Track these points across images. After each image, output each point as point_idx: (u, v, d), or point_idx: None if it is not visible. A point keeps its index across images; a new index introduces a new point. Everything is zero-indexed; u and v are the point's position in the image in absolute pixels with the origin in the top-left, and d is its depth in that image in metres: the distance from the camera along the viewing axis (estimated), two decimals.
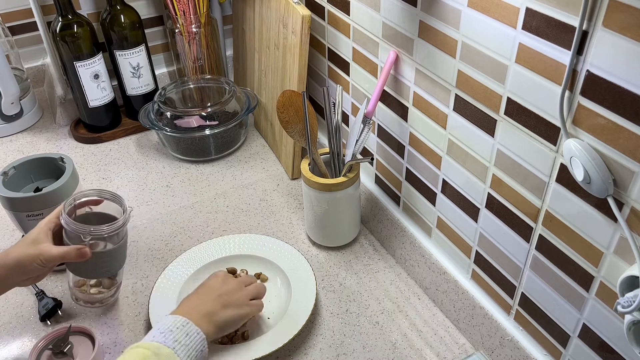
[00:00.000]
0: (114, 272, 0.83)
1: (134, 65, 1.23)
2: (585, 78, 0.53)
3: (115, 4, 1.17)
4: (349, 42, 0.94)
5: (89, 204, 0.82)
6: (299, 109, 0.93)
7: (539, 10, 0.55)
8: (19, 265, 0.73)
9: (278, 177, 1.16)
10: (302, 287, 0.88)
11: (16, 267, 0.73)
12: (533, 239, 0.67)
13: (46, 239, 0.75)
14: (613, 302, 0.58)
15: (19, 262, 0.73)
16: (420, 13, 0.72)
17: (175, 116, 1.18)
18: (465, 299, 0.81)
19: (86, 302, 0.85)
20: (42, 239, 0.74)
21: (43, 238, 0.75)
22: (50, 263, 0.74)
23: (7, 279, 0.74)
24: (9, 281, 0.74)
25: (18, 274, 0.74)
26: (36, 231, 0.76)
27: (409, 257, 0.92)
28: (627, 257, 0.55)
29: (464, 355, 0.81)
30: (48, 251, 0.73)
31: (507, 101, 0.63)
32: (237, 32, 1.30)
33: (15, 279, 0.74)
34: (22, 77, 1.32)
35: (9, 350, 0.83)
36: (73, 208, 0.80)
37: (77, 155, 1.23)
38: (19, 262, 0.73)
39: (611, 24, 0.49)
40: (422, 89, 0.78)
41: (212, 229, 1.04)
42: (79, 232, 0.76)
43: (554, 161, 0.60)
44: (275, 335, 0.81)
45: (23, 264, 0.73)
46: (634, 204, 0.52)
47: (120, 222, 0.78)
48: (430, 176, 0.83)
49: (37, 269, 0.74)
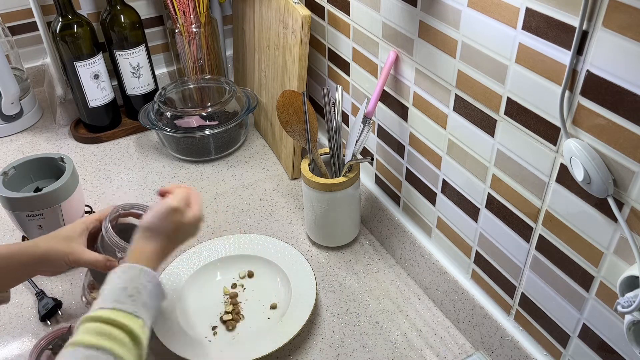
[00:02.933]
0: None
1: (134, 65, 1.23)
2: (585, 78, 0.53)
3: (115, 4, 1.17)
4: (349, 42, 0.94)
5: (134, 216, 0.81)
6: (299, 109, 0.93)
7: (539, 10, 0.55)
8: (46, 258, 0.72)
9: (278, 177, 1.16)
10: (302, 287, 0.88)
11: (43, 258, 0.72)
12: (533, 239, 0.67)
13: (80, 238, 0.74)
14: (613, 302, 0.58)
15: (47, 254, 0.72)
16: (420, 13, 0.72)
17: (175, 116, 1.18)
18: (465, 299, 0.81)
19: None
20: (75, 238, 0.74)
21: (77, 237, 0.74)
22: (77, 265, 0.73)
23: (32, 268, 0.73)
24: (32, 270, 0.74)
25: (43, 265, 0.73)
26: (71, 228, 0.75)
27: (409, 257, 0.92)
28: (627, 257, 0.55)
29: (464, 355, 0.81)
30: (79, 253, 0.73)
31: (507, 101, 0.63)
32: (237, 32, 1.30)
33: (39, 269, 0.74)
34: (22, 77, 1.32)
35: (9, 350, 0.83)
36: (117, 216, 0.79)
37: (77, 155, 1.23)
38: (47, 255, 0.72)
39: (611, 24, 0.49)
40: (422, 89, 0.78)
41: (212, 229, 1.04)
42: (116, 247, 0.75)
43: (554, 161, 0.60)
44: (275, 335, 0.81)
45: (50, 257, 0.72)
46: (634, 204, 0.52)
47: None
48: (430, 176, 0.83)
49: (62, 265, 0.73)
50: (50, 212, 0.89)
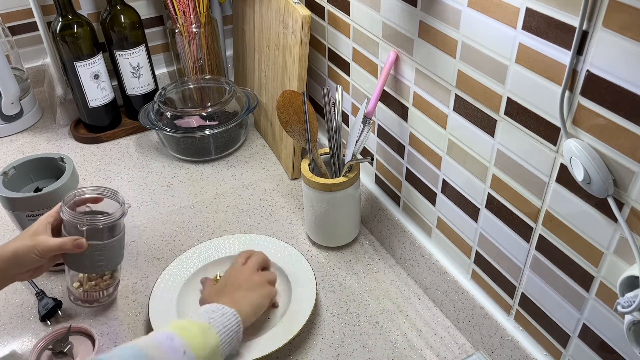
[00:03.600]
0: (111, 268, 0.83)
1: (134, 65, 1.23)
2: (585, 78, 0.53)
3: (115, 4, 1.17)
4: (349, 42, 0.94)
5: (89, 201, 0.82)
6: (299, 109, 0.93)
7: (539, 10, 0.55)
8: (15, 257, 0.73)
9: (278, 177, 1.16)
10: (302, 287, 0.88)
11: (13, 258, 0.73)
12: (533, 239, 0.67)
13: (44, 231, 0.76)
14: (613, 302, 0.58)
15: (15, 253, 0.73)
16: (420, 13, 0.72)
17: (175, 116, 1.18)
18: (465, 299, 0.81)
19: (84, 301, 0.85)
20: (40, 232, 0.76)
21: (42, 231, 0.76)
22: (47, 254, 0.75)
23: (5, 271, 0.74)
24: (6, 273, 0.74)
25: (15, 266, 0.74)
26: (35, 225, 0.77)
27: (409, 257, 0.92)
28: (627, 257, 0.55)
29: (464, 355, 0.81)
30: (45, 242, 0.74)
31: (507, 101, 0.63)
32: (237, 32, 1.30)
33: (13, 271, 0.75)
34: (22, 77, 1.32)
35: (9, 350, 0.83)
36: (73, 204, 0.80)
37: (77, 155, 1.23)
38: (16, 254, 0.73)
39: (611, 24, 0.49)
40: (422, 89, 0.78)
41: (212, 229, 1.04)
42: (76, 221, 0.77)
43: (554, 161, 0.60)
44: (275, 335, 0.81)
45: (20, 255, 0.73)
46: (634, 204, 0.52)
47: (118, 215, 0.79)
48: (430, 176, 0.83)
49: (35, 260, 0.74)
50: None
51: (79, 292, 0.84)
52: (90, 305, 0.87)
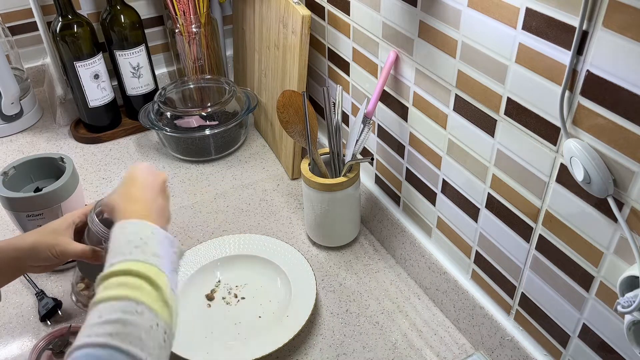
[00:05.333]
0: None
1: (134, 65, 1.23)
2: (585, 78, 0.53)
3: (115, 4, 1.17)
4: (349, 42, 0.94)
5: None
6: (299, 109, 0.93)
7: (539, 10, 0.55)
8: (33, 250, 0.72)
9: (278, 177, 1.16)
10: (302, 287, 0.88)
11: (30, 250, 0.72)
12: (533, 239, 0.67)
13: (66, 232, 0.74)
14: (613, 302, 0.58)
15: (34, 246, 0.72)
16: (420, 13, 0.72)
17: (175, 116, 1.18)
18: (465, 299, 0.81)
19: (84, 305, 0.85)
20: (62, 231, 0.74)
21: (64, 230, 0.74)
22: (63, 256, 0.73)
23: (20, 261, 0.73)
24: (22, 264, 0.73)
25: (31, 259, 0.73)
26: (59, 222, 0.75)
27: (409, 257, 0.92)
28: (627, 257, 0.55)
29: (464, 355, 0.81)
30: (66, 244, 0.73)
31: (507, 101, 0.63)
32: (237, 32, 1.30)
33: (27, 263, 0.74)
34: (22, 77, 1.32)
35: (9, 350, 0.83)
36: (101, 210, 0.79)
37: (77, 155, 1.23)
38: (34, 247, 0.72)
39: (611, 24, 0.49)
40: (422, 89, 0.78)
41: (212, 229, 1.04)
42: (102, 236, 0.75)
43: (554, 161, 0.60)
44: (275, 335, 0.81)
45: (37, 249, 0.72)
46: (634, 204, 0.52)
47: None
48: (430, 176, 0.83)
49: (49, 258, 0.73)
50: (50, 212, 0.89)
51: (84, 297, 0.84)
52: None
